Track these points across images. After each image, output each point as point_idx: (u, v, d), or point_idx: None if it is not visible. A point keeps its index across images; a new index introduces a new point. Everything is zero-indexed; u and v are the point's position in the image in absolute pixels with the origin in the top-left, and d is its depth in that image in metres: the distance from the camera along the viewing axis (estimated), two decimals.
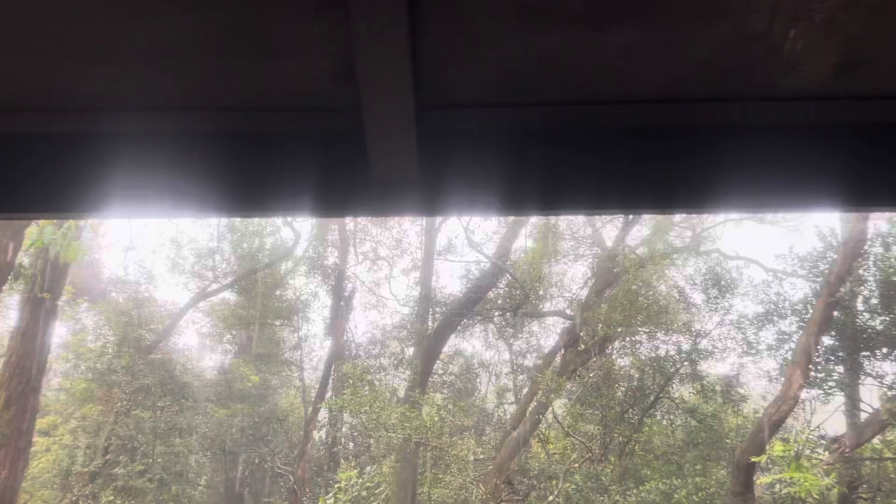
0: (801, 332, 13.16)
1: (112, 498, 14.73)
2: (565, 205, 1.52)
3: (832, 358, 14.05)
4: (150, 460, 15.60)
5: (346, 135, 1.45)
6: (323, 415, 18.67)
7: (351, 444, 19.22)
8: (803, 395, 12.78)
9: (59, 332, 17.68)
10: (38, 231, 7.70)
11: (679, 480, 13.05)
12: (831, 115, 1.41)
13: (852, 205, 1.47)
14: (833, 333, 13.53)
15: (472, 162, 1.47)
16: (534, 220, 17.08)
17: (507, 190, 1.47)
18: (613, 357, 15.78)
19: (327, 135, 1.47)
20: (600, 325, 14.64)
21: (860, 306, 13.48)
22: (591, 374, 14.95)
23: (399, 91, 1.27)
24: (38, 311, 9.16)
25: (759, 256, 27.05)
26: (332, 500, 13.08)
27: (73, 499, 14.97)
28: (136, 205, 1.53)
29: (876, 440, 13.25)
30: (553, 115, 1.45)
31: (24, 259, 9.89)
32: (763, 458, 10.86)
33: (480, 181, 1.47)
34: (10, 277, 8.56)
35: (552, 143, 1.46)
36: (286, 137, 1.48)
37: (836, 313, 12.59)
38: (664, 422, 15.75)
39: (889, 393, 12.86)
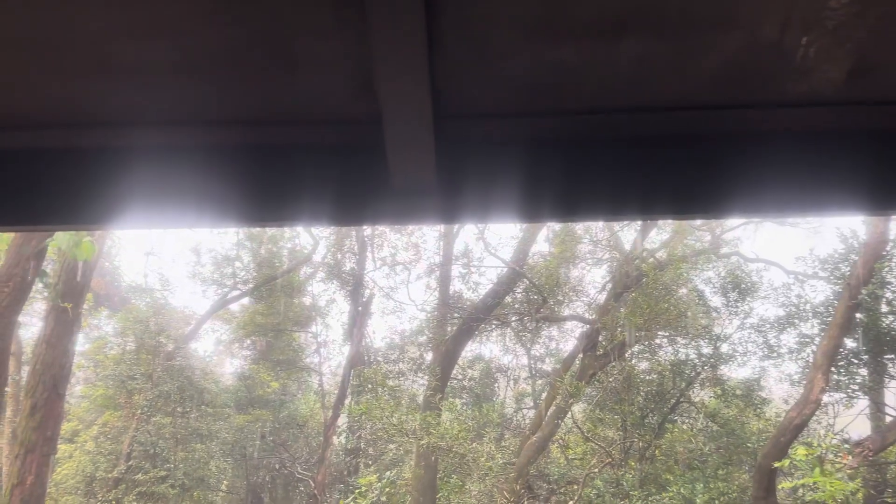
0: (822, 334, 13.02)
1: (135, 503, 14.88)
2: (583, 212, 1.53)
3: (855, 361, 13.90)
4: (172, 466, 15.73)
5: (366, 145, 1.47)
6: (342, 420, 18.74)
7: (370, 450, 19.27)
8: (826, 398, 12.65)
9: (80, 340, 17.91)
10: (64, 239, 7.81)
11: (701, 485, 12.95)
12: (846, 120, 1.42)
13: (870, 209, 1.47)
14: (856, 336, 13.39)
15: (489, 170, 1.49)
16: (551, 225, 17.05)
17: (525, 197, 1.49)
18: (633, 361, 15.69)
19: (347, 146, 1.50)
20: (619, 329, 14.57)
21: (883, 308, 13.33)
22: (610, 379, 14.88)
23: (417, 102, 1.30)
24: (62, 319, 9.28)
25: (780, 259, 26.85)
26: None
27: None
28: (159, 215, 1.57)
29: None
30: (568, 124, 1.47)
31: (48, 268, 10.04)
32: (786, 463, 10.76)
33: (498, 189, 1.49)
34: (34, 286, 8.69)
35: (568, 151, 1.48)
36: (307, 149, 1.51)
37: (858, 315, 12.45)
38: (685, 426, 15.63)
39: None
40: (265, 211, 1.52)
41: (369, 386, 15.76)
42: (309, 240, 20.46)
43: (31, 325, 17.73)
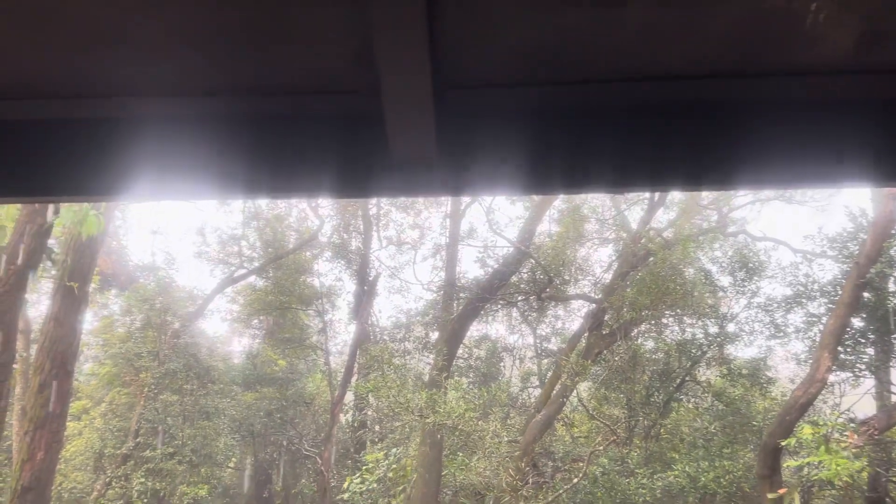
0: (829, 314, 12.99)
1: (143, 479, 15.03)
2: (589, 183, 1.51)
3: (862, 340, 13.88)
4: (180, 443, 15.87)
5: (367, 116, 1.45)
6: (349, 398, 18.86)
7: (377, 427, 19.41)
8: (832, 377, 12.64)
9: (88, 318, 18.00)
10: (69, 216, 7.82)
11: (706, 464, 12.99)
12: (857, 89, 1.39)
13: (881, 180, 1.45)
14: (863, 315, 13.35)
15: (492, 141, 1.47)
16: (558, 204, 17.00)
17: (529, 169, 1.46)
18: (639, 340, 15.70)
19: (348, 117, 1.48)
20: (625, 308, 14.56)
21: (891, 287, 13.27)
22: (616, 358, 14.90)
23: (417, 72, 1.27)
24: (70, 296, 9.33)
25: (788, 238, 26.74)
26: (358, 481, 13.23)
27: (107, 480, 15.30)
28: (161, 187, 1.56)
29: None
30: (573, 94, 1.44)
31: (54, 245, 10.07)
32: (791, 441, 10.78)
33: (501, 161, 1.47)
34: (41, 264, 8.72)
35: (573, 121, 1.46)
36: (307, 120, 1.49)
37: (866, 295, 12.40)
38: (690, 405, 15.67)
39: None
40: (265, 182, 1.51)
41: (375, 364, 15.82)
42: (315, 220, 20.49)
43: (39, 302, 17.85)
